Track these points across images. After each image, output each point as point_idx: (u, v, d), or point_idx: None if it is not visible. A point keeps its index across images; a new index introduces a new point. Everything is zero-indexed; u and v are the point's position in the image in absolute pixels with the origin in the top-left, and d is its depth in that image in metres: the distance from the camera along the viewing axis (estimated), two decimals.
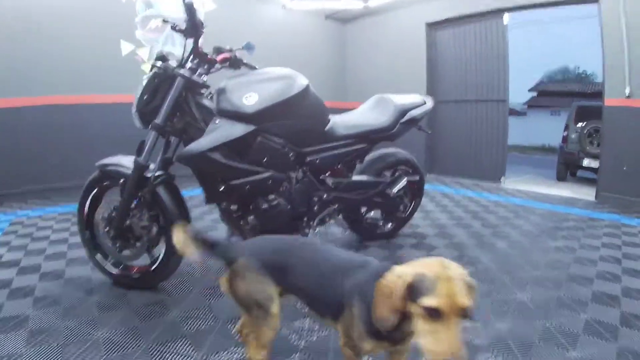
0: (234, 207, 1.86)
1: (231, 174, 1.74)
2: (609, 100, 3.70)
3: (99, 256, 1.88)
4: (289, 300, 1.19)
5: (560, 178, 5.88)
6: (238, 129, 1.68)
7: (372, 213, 2.56)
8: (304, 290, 1.10)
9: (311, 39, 5.98)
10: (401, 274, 0.83)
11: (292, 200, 1.91)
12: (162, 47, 4.53)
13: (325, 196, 2.06)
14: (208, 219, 3.08)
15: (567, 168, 5.83)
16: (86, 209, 1.85)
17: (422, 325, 0.77)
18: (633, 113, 3.51)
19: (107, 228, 1.77)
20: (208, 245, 1.16)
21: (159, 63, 1.73)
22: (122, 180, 1.73)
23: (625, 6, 3.45)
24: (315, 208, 2.03)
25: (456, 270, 0.81)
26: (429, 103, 2.41)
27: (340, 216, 2.28)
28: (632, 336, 1.54)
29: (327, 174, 2.09)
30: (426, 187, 2.76)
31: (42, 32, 3.76)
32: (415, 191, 2.64)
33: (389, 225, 2.62)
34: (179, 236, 1.15)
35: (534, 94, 17.04)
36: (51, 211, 3.39)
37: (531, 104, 13.84)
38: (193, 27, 1.75)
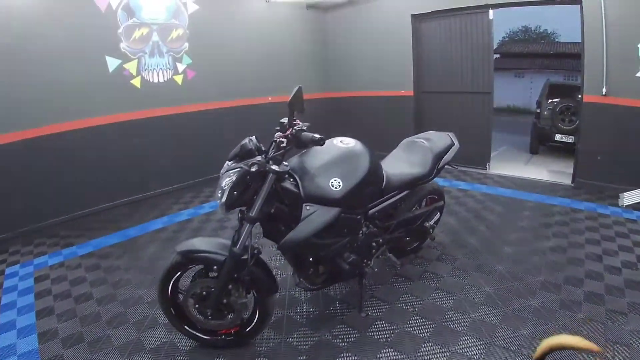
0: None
1: (322, 250, 1.99)
2: (587, 97, 4.09)
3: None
4: None
5: (533, 152, 6.45)
6: (329, 214, 1.91)
7: None
8: None
9: (293, 30, 5.90)
10: None
11: (359, 252, 2.19)
12: (148, 58, 4.34)
13: (381, 240, 2.36)
14: None
15: (540, 142, 6.36)
16: (169, 290, 1.99)
17: None
18: (608, 110, 3.94)
19: (198, 305, 1.93)
20: None
21: (250, 164, 1.79)
22: (215, 268, 1.88)
23: (606, 9, 3.75)
24: (374, 251, 2.35)
25: None
26: (456, 143, 2.69)
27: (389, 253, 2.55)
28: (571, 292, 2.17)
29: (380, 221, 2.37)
30: None
31: (20, 63, 3.50)
32: (439, 211, 2.93)
33: (416, 243, 2.95)
34: None
35: (497, 55, 17.64)
36: (70, 254, 3.36)
37: (495, 66, 14.41)
38: (288, 125, 1.93)
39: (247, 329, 2.04)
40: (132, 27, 4.16)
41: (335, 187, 1.91)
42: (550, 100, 6.22)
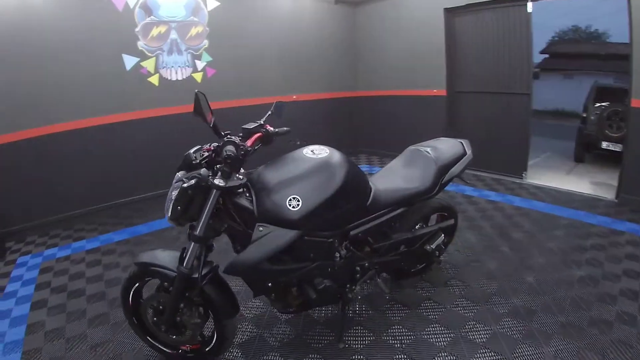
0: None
1: (280, 275, 1.74)
2: (635, 102, 3.55)
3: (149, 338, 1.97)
4: None
5: (578, 159, 5.81)
6: (285, 238, 1.63)
7: None
8: None
9: (320, 26, 5.67)
10: None
11: (336, 278, 1.91)
12: (167, 56, 4.32)
13: (367, 264, 2.07)
14: None
15: (586, 149, 5.71)
16: (130, 301, 1.91)
17: None
18: None
19: (156, 319, 1.81)
20: None
21: (190, 177, 1.61)
22: (166, 283, 1.76)
23: None
24: (358, 276, 2.05)
25: None
26: (468, 152, 2.34)
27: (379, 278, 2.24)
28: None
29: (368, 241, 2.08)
30: (449, 186, 2.61)
31: (39, 60, 3.57)
32: (448, 231, 2.60)
33: (421, 265, 2.62)
34: None
35: (546, 56, 16.21)
36: (78, 248, 3.43)
37: (544, 67, 13.14)
38: (217, 136, 1.71)
39: (207, 349, 1.89)
40: (149, 25, 4.16)
41: (293, 207, 1.62)
42: (597, 104, 5.56)
